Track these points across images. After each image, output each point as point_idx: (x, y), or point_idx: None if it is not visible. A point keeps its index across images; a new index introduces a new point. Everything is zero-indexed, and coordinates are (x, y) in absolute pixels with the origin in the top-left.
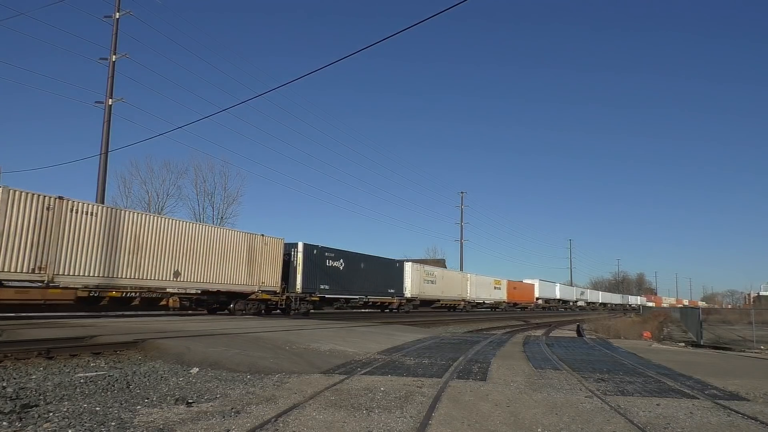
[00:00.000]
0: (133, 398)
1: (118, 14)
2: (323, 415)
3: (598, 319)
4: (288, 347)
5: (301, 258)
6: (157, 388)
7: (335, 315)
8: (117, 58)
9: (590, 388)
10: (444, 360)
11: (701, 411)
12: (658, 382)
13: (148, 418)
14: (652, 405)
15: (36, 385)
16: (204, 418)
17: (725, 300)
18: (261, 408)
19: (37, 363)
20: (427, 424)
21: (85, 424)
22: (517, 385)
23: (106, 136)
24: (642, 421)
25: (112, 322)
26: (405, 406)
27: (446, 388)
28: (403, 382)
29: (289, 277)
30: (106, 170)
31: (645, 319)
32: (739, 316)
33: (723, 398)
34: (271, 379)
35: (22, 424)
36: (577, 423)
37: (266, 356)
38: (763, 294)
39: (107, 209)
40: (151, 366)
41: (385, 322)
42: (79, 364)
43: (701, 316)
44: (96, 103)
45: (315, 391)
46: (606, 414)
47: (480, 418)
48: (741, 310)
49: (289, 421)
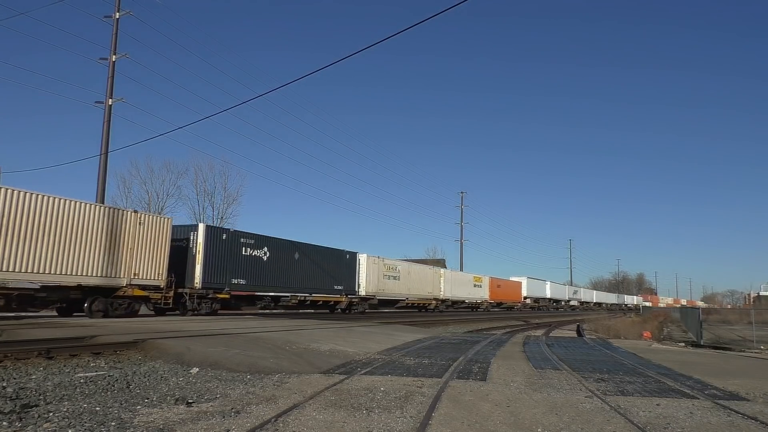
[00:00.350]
0: (133, 398)
1: (118, 14)
2: (323, 415)
3: (598, 319)
4: (288, 347)
5: (202, 243)
6: (157, 388)
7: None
8: (117, 58)
9: (590, 388)
10: (444, 360)
11: (701, 411)
12: (658, 382)
13: (148, 418)
14: (652, 405)
15: (36, 385)
16: (204, 418)
17: (725, 300)
18: (261, 408)
19: (37, 363)
20: (427, 424)
21: (85, 424)
22: (517, 385)
23: (106, 136)
24: (642, 421)
25: (112, 322)
26: (405, 406)
27: (446, 388)
28: (403, 382)
29: (186, 269)
30: (106, 170)
31: (645, 319)
32: (739, 316)
33: (723, 398)
34: (271, 379)
35: (22, 424)
36: (577, 423)
37: (266, 356)
38: (763, 294)
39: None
40: (151, 366)
41: (384, 322)
42: (79, 364)
43: (701, 316)
44: (96, 103)
45: (315, 391)
46: (606, 414)
47: (480, 418)
48: (741, 310)
49: (289, 421)
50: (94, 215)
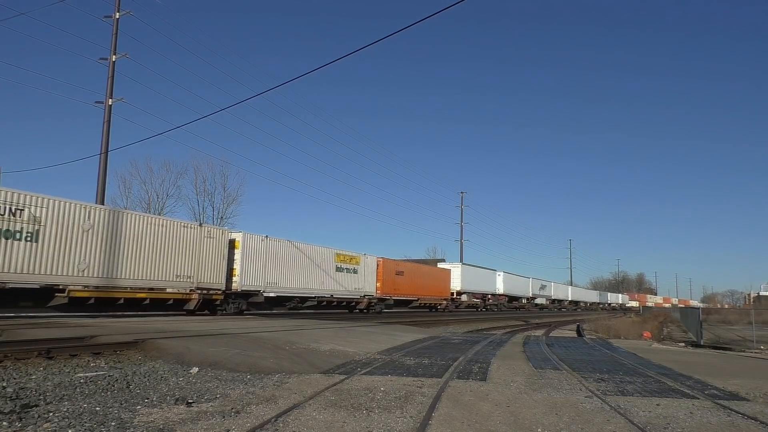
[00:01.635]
0: (133, 398)
1: (118, 14)
2: (323, 415)
3: (598, 319)
4: (288, 347)
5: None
6: (157, 388)
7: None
8: (117, 58)
9: (590, 388)
10: (444, 360)
11: (701, 411)
12: (658, 382)
13: (148, 418)
14: (652, 405)
15: (36, 385)
16: (204, 418)
17: (725, 300)
18: (261, 408)
19: (37, 363)
20: (427, 424)
21: (85, 424)
22: (517, 385)
23: (106, 136)
24: (642, 421)
25: (112, 322)
26: (405, 406)
27: (446, 388)
28: (403, 382)
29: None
30: (106, 170)
31: (645, 319)
32: (739, 316)
33: (723, 398)
34: (271, 379)
35: (22, 424)
36: (577, 423)
37: (266, 356)
38: (763, 294)
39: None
40: (151, 366)
41: (384, 322)
42: (79, 364)
43: (701, 316)
44: (96, 103)
45: (315, 391)
46: (606, 414)
47: (480, 418)
48: (741, 310)
49: (289, 421)
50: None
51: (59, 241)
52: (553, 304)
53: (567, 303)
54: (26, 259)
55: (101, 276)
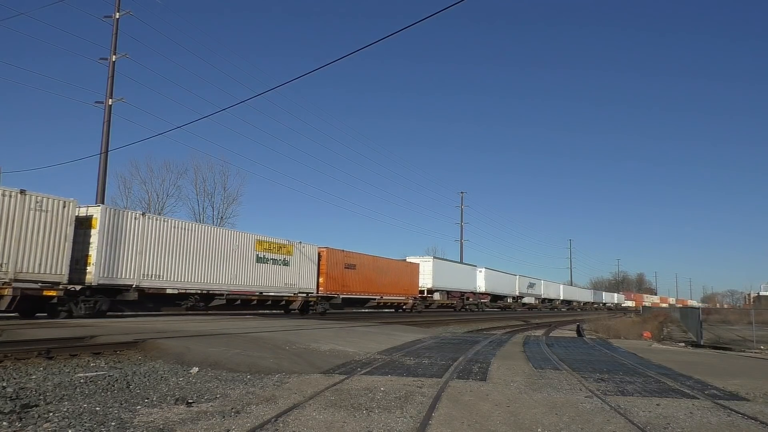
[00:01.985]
0: (133, 398)
1: (118, 14)
2: (323, 415)
3: (598, 319)
4: (288, 347)
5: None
6: (157, 388)
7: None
8: (117, 58)
9: (590, 388)
10: (444, 360)
11: (701, 411)
12: (658, 382)
13: (148, 418)
14: (652, 405)
15: (36, 385)
16: (204, 418)
17: (724, 300)
18: (261, 408)
19: (37, 363)
20: (427, 424)
21: (85, 424)
22: (517, 385)
23: (106, 136)
24: (642, 421)
25: (112, 322)
26: (405, 406)
27: (446, 388)
28: (403, 382)
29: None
30: (106, 170)
31: (645, 319)
32: (739, 316)
33: (723, 398)
34: (271, 379)
35: (22, 424)
36: (577, 423)
37: (266, 356)
38: (763, 294)
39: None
40: (151, 366)
41: (384, 322)
42: (79, 364)
43: (701, 316)
44: (96, 103)
45: (315, 391)
46: (606, 414)
47: (480, 418)
48: (741, 310)
49: (289, 421)
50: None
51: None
52: (543, 303)
53: (559, 302)
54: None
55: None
